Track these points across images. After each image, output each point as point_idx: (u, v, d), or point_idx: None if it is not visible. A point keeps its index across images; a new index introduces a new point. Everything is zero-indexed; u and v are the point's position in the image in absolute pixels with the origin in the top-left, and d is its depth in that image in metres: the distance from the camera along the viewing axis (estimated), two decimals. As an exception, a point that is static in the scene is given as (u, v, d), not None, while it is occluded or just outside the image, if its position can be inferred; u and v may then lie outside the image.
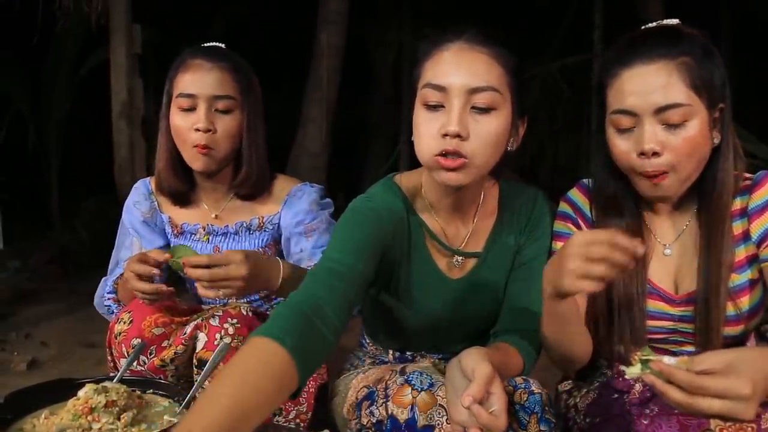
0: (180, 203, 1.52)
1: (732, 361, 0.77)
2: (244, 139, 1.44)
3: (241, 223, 1.49)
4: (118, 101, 3.68)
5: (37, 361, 2.87)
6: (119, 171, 3.66)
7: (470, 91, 1.06)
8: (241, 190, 1.48)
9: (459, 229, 1.24)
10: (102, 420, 0.90)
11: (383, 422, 1.03)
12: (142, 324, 1.29)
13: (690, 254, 1.16)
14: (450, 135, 1.05)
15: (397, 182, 1.25)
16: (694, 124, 1.04)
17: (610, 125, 1.11)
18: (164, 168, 1.48)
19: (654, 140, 1.04)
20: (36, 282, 4.21)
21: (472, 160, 1.07)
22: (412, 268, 1.22)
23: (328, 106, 4.64)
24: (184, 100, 1.38)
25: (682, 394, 0.77)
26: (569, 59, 5.71)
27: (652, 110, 1.04)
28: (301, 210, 1.48)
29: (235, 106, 1.41)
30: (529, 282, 1.22)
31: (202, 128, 1.37)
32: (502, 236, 1.25)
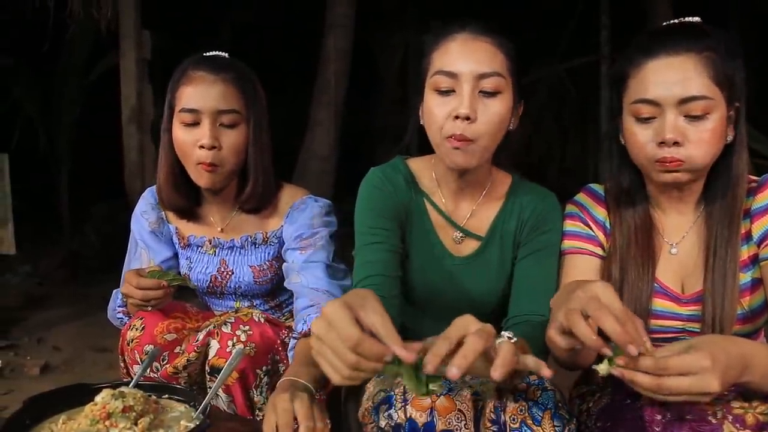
0: (184, 217, 1.50)
1: (692, 343, 0.84)
2: (250, 153, 1.40)
3: (246, 237, 1.48)
4: (128, 106, 3.71)
5: (49, 365, 2.89)
6: (129, 176, 3.68)
7: (479, 77, 1.15)
8: (246, 205, 1.46)
9: (462, 208, 1.31)
10: (119, 425, 0.91)
11: (402, 425, 1.03)
12: (154, 330, 1.31)
13: (697, 253, 1.17)
14: (461, 117, 1.14)
15: (404, 161, 1.35)
16: (715, 117, 1.06)
17: (629, 115, 1.13)
18: (165, 183, 1.44)
19: (675, 130, 1.06)
20: (47, 287, 4.24)
21: (479, 141, 1.16)
22: (414, 237, 1.30)
23: (336, 110, 4.66)
24: (187, 116, 1.33)
25: (650, 378, 0.82)
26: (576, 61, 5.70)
27: (675, 101, 1.06)
28: (301, 224, 1.43)
29: (240, 119, 1.37)
30: (539, 270, 1.25)
31: (207, 145, 1.32)
32: (505, 223, 1.30)
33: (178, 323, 1.33)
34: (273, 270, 1.49)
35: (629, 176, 1.21)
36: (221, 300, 1.55)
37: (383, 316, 0.82)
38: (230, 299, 1.54)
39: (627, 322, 0.83)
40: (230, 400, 1.26)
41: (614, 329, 0.81)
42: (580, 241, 1.25)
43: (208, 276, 1.50)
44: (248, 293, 1.51)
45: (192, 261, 1.52)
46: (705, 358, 0.80)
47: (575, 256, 1.25)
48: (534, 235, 1.28)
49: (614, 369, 0.84)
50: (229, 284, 1.49)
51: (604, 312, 0.83)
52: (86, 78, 4.83)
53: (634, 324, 0.84)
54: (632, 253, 1.18)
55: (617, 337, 0.81)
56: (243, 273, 1.48)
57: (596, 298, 0.86)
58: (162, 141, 1.43)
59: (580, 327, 0.84)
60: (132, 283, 1.25)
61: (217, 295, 1.54)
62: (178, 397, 1.06)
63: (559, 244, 1.27)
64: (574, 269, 1.24)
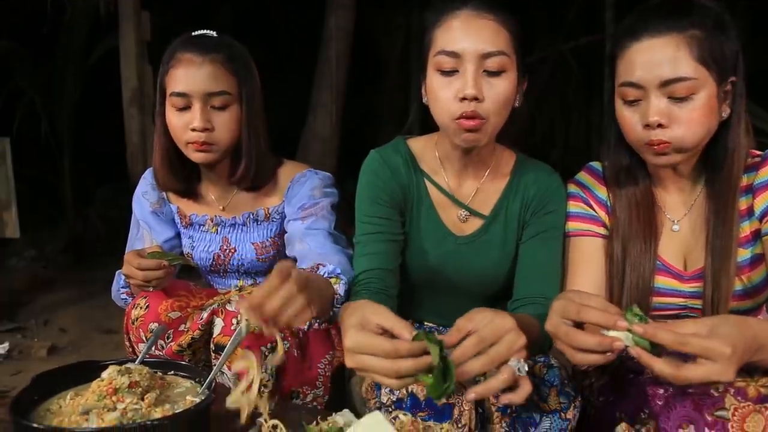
0: (185, 197, 1.50)
1: (713, 325, 0.81)
2: (243, 132, 1.39)
3: (248, 214, 1.48)
4: (129, 88, 3.69)
5: (56, 347, 2.92)
6: (131, 158, 3.68)
7: (483, 56, 1.13)
8: (241, 184, 1.46)
9: (467, 186, 1.31)
10: (126, 400, 0.92)
11: (403, 400, 1.04)
12: (158, 309, 1.31)
13: (699, 230, 1.17)
14: (468, 98, 1.12)
15: (406, 142, 1.34)
16: (701, 97, 1.04)
17: (618, 97, 1.13)
18: (160, 166, 1.44)
19: (659, 113, 1.05)
20: (52, 270, 4.27)
21: (488, 120, 1.14)
22: (415, 217, 1.30)
23: (338, 91, 4.64)
24: (178, 100, 1.33)
25: (667, 365, 0.80)
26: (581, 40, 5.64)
27: (657, 83, 1.05)
28: (302, 196, 1.44)
29: (231, 100, 1.35)
30: (544, 252, 1.25)
31: (198, 128, 1.32)
32: (509, 202, 1.30)
33: (182, 302, 1.33)
34: (275, 246, 1.50)
35: (628, 155, 1.21)
36: (224, 279, 1.56)
37: (387, 315, 0.87)
38: (233, 277, 1.54)
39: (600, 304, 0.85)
40: (236, 377, 1.27)
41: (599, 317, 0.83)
42: (584, 222, 1.25)
43: (211, 254, 1.50)
44: (251, 270, 1.52)
45: (194, 240, 1.52)
46: (726, 345, 0.78)
47: (579, 239, 1.25)
48: (539, 215, 1.28)
49: (632, 348, 0.82)
50: (232, 262, 1.50)
51: (585, 309, 0.84)
52: (86, 61, 4.80)
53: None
54: (634, 231, 1.18)
55: (605, 322, 0.83)
56: (245, 250, 1.49)
57: (570, 301, 0.87)
58: (156, 124, 1.42)
59: (582, 340, 0.84)
60: (133, 264, 1.25)
61: (220, 273, 1.54)
62: (183, 373, 1.06)
63: (563, 225, 1.27)
64: (579, 251, 1.24)
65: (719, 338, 0.79)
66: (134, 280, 1.27)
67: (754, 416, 0.91)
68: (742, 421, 0.92)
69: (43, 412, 0.93)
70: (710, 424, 0.93)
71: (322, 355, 1.31)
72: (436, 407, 1.03)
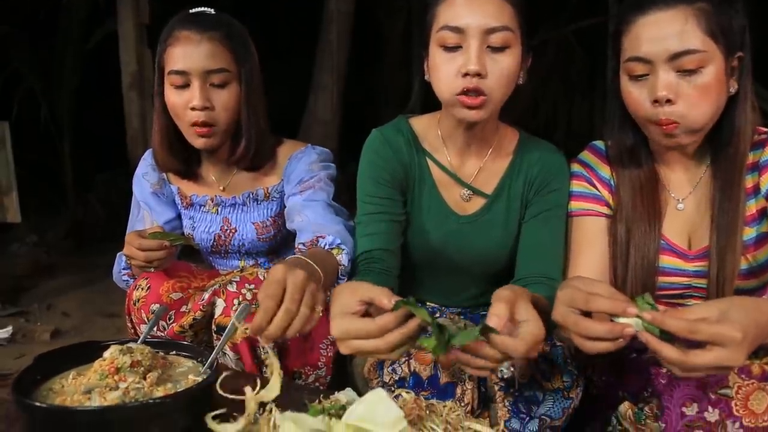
0: (185, 177, 1.50)
1: (724, 309, 0.79)
2: (243, 111, 1.38)
3: (248, 193, 1.48)
4: (128, 72, 3.67)
5: (59, 331, 2.93)
6: (131, 143, 3.67)
7: (487, 32, 1.11)
8: (241, 164, 1.45)
9: (469, 165, 1.29)
10: (128, 379, 0.91)
11: (406, 379, 1.05)
12: (159, 290, 1.31)
13: (704, 208, 1.16)
14: (471, 74, 1.10)
15: (407, 120, 1.33)
16: (710, 71, 1.03)
17: (624, 73, 1.11)
18: (160, 147, 1.43)
19: (668, 87, 1.03)
20: (54, 256, 4.27)
21: (491, 97, 1.13)
22: (416, 196, 1.29)
23: (338, 73, 4.61)
24: (177, 78, 1.31)
25: (677, 351, 0.78)
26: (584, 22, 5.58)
27: (666, 57, 1.03)
28: (300, 171, 1.43)
29: (230, 78, 1.34)
30: (546, 231, 1.24)
31: (198, 107, 1.31)
32: (513, 180, 1.29)
33: (184, 282, 1.33)
34: (276, 226, 1.49)
35: (632, 134, 1.19)
36: (226, 260, 1.55)
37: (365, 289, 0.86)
38: (235, 258, 1.54)
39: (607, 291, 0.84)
40: (237, 358, 1.27)
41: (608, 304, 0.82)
42: (587, 202, 1.24)
43: (212, 235, 1.50)
44: (252, 251, 1.51)
45: (195, 220, 1.52)
46: (737, 330, 0.76)
47: (583, 218, 1.24)
48: (542, 194, 1.27)
49: (641, 333, 0.81)
50: (233, 242, 1.49)
51: (593, 298, 0.83)
52: (85, 45, 4.77)
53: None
54: (638, 211, 1.17)
55: (613, 309, 0.81)
56: (246, 230, 1.48)
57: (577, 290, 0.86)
58: (155, 104, 1.41)
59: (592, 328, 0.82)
60: (134, 244, 1.25)
61: (222, 254, 1.54)
62: (185, 353, 1.06)
63: (566, 205, 1.26)
64: (582, 231, 1.23)
65: (730, 323, 0.77)
66: (136, 261, 1.26)
67: (758, 394, 0.91)
68: (745, 399, 0.91)
69: (45, 391, 0.93)
70: (713, 402, 0.93)
71: (324, 335, 1.31)
72: (439, 386, 1.03)
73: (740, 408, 0.91)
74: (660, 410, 0.98)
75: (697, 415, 0.93)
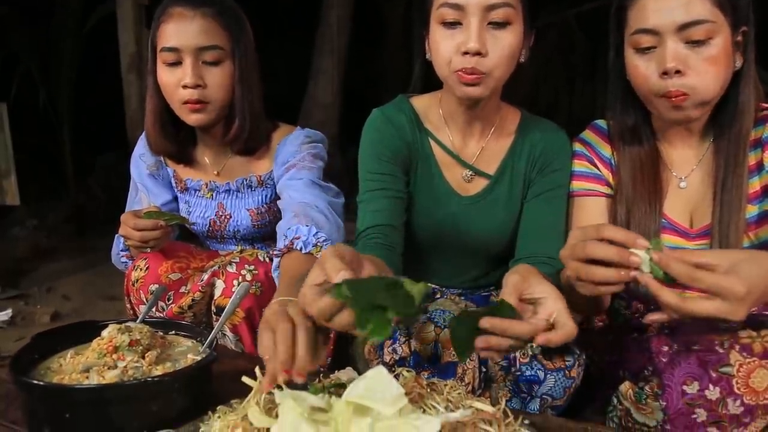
0: (180, 161, 1.48)
1: (735, 261, 0.77)
2: (236, 90, 1.35)
3: (241, 180, 1.46)
4: (127, 54, 3.64)
5: (59, 314, 2.94)
6: (131, 125, 3.65)
7: (487, 8, 1.09)
8: (235, 146, 1.42)
9: (471, 144, 1.28)
10: (127, 358, 0.91)
11: (406, 359, 1.04)
12: (158, 270, 1.30)
13: (706, 186, 1.15)
14: (470, 52, 1.08)
15: (409, 100, 1.30)
16: (718, 42, 1.02)
17: (630, 47, 1.09)
18: (152, 128, 1.41)
19: (677, 58, 1.02)
20: (54, 239, 4.27)
21: (490, 74, 1.11)
22: (419, 176, 1.27)
23: (339, 57, 4.57)
24: (169, 55, 1.29)
25: (674, 296, 0.77)
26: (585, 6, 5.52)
27: (675, 27, 1.02)
28: (287, 153, 1.40)
29: (224, 56, 1.32)
30: (548, 211, 1.23)
31: (190, 84, 1.28)
32: (515, 161, 1.27)
33: (183, 263, 1.33)
34: (271, 213, 1.48)
35: (634, 113, 1.18)
36: (222, 244, 1.55)
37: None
38: (231, 243, 1.53)
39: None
40: (237, 339, 1.27)
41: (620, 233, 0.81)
42: (588, 182, 1.23)
43: (207, 220, 1.49)
44: (248, 237, 1.51)
45: (190, 205, 1.50)
46: (741, 285, 0.74)
47: (584, 198, 1.23)
48: (545, 173, 1.25)
49: (641, 277, 0.79)
50: (228, 228, 1.48)
51: (605, 227, 0.82)
52: (83, 26, 4.72)
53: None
54: (638, 191, 1.16)
55: (626, 237, 0.80)
56: (241, 216, 1.47)
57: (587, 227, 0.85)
58: (148, 84, 1.39)
59: (601, 249, 0.81)
60: (129, 224, 1.24)
61: (218, 239, 1.53)
62: (184, 332, 1.06)
63: (568, 184, 1.25)
64: (583, 211, 1.22)
65: (736, 277, 0.75)
66: (131, 241, 1.25)
67: (760, 371, 0.91)
68: (747, 376, 0.91)
69: (44, 370, 0.93)
70: (714, 380, 0.92)
71: (324, 315, 1.30)
72: (440, 366, 1.03)
73: (741, 386, 0.91)
74: (660, 389, 0.98)
75: (698, 393, 0.92)
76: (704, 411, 0.93)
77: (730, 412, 0.92)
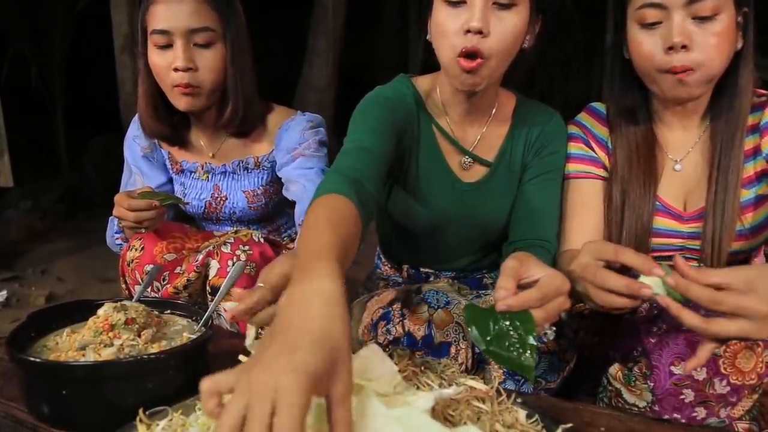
0: (173, 144, 1.47)
1: (751, 278, 0.76)
2: (229, 73, 1.33)
3: (237, 162, 1.46)
4: (120, 35, 3.60)
5: (54, 295, 2.94)
6: (124, 106, 3.63)
7: None
8: (228, 129, 1.42)
9: (469, 132, 1.26)
10: (123, 336, 0.92)
11: (400, 339, 1.05)
12: (153, 250, 1.30)
13: (701, 170, 1.16)
14: (473, 31, 1.05)
15: (411, 79, 1.27)
16: (724, 19, 1.02)
17: (634, 22, 1.09)
18: (144, 111, 1.40)
19: (683, 33, 1.02)
20: (48, 221, 4.26)
21: (489, 59, 1.07)
22: (421, 161, 1.24)
23: (334, 39, 4.53)
24: (159, 37, 1.27)
25: (698, 318, 0.76)
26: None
27: (683, 2, 1.02)
28: (291, 139, 1.41)
29: (215, 38, 1.30)
30: (543, 194, 1.23)
31: (181, 67, 1.27)
32: (513, 147, 1.26)
33: (178, 243, 1.33)
34: (267, 195, 1.48)
35: (632, 94, 1.18)
36: (218, 226, 1.55)
37: None
38: (227, 224, 1.54)
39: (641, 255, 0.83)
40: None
41: (637, 259, 0.81)
42: (583, 164, 1.24)
43: (203, 202, 1.49)
44: (244, 218, 1.51)
45: (186, 187, 1.50)
46: (764, 303, 0.73)
47: (579, 181, 1.23)
48: (541, 156, 1.25)
49: (661, 298, 0.79)
50: (224, 210, 1.49)
51: (622, 250, 0.83)
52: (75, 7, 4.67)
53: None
54: (633, 173, 1.17)
55: (641, 264, 0.81)
56: (237, 198, 1.47)
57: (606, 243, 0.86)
58: (139, 67, 1.37)
59: (611, 280, 0.82)
60: (123, 204, 1.23)
61: (214, 220, 1.53)
62: (179, 312, 1.06)
63: (563, 167, 1.25)
64: (578, 193, 1.23)
65: (756, 296, 0.74)
66: (126, 222, 1.25)
67: (746, 353, 0.92)
68: (733, 357, 0.92)
69: (40, 348, 0.93)
70: (702, 361, 0.93)
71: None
72: (433, 346, 1.04)
73: (728, 366, 0.92)
74: (649, 370, 1.00)
75: (686, 374, 0.94)
76: (692, 391, 0.95)
77: (717, 392, 0.94)
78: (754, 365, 0.93)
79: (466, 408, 0.73)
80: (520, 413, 0.76)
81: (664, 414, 0.96)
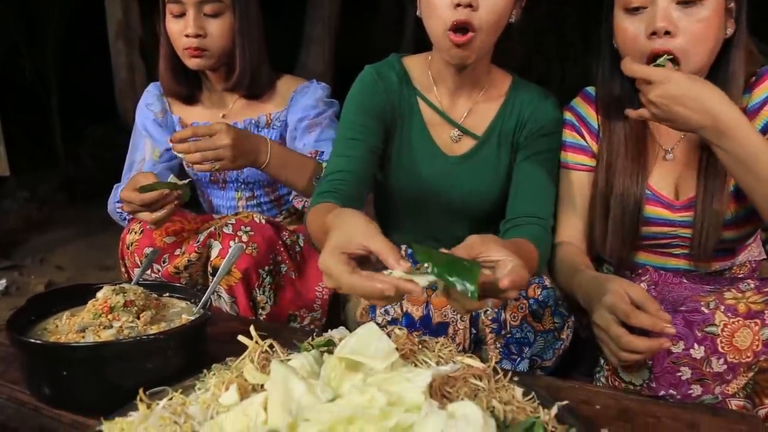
0: (187, 103, 1.56)
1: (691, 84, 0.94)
2: (237, 41, 1.44)
3: (249, 120, 1.52)
4: (114, 22, 3.59)
5: (53, 283, 2.95)
6: (120, 95, 3.61)
7: None
8: (237, 91, 1.51)
9: (460, 105, 1.29)
10: (122, 318, 0.92)
11: (398, 320, 1.06)
12: (153, 233, 1.31)
13: (692, 158, 1.16)
14: (462, 4, 1.08)
15: (400, 59, 1.33)
16: (710, 5, 1.01)
17: (619, 8, 1.09)
18: (165, 73, 1.52)
19: (667, 18, 1.01)
20: (46, 211, 4.26)
21: (479, 33, 1.11)
22: (405, 134, 1.29)
23: (330, 26, 4.51)
24: (174, 6, 1.40)
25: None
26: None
27: None
28: (307, 105, 1.49)
29: (224, 8, 1.41)
30: (539, 173, 1.24)
31: (191, 34, 1.39)
32: (504, 122, 1.28)
33: (177, 226, 1.33)
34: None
35: (621, 82, 1.17)
36: (223, 191, 1.56)
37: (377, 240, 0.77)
38: (232, 189, 1.56)
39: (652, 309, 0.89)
40: (233, 301, 1.28)
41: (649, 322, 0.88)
42: (574, 154, 1.25)
43: None
44: (250, 180, 1.53)
45: None
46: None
47: (569, 172, 1.25)
48: (534, 137, 1.26)
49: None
50: (231, 171, 1.51)
51: (635, 314, 0.88)
52: (69, -2, 4.62)
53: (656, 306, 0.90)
54: (621, 166, 1.17)
55: (654, 327, 0.87)
56: None
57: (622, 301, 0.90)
58: (161, 32, 1.49)
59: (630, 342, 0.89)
60: (135, 201, 1.22)
61: (219, 184, 1.55)
62: (178, 294, 1.07)
63: (559, 148, 1.26)
64: (569, 183, 1.25)
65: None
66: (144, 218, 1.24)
67: (743, 331, 0.93)
68: (731, 335, 0.93)
69: (40, 331, 0.94)
70: (699, 339, 0.94)
71: (320, 278, 1.32)
72: (431, 326, 1.04)
73: (725, 345, 0.93)
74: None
75: (683, 353, 0.94)
76: (689, 369, 0.96)
77: (713, 370, 0.95)
78: (751, 343, 0.93)
79: (463, 385, 0.74)
80: (517, 391, 0.76)
81: (660, 391, 0.97)
